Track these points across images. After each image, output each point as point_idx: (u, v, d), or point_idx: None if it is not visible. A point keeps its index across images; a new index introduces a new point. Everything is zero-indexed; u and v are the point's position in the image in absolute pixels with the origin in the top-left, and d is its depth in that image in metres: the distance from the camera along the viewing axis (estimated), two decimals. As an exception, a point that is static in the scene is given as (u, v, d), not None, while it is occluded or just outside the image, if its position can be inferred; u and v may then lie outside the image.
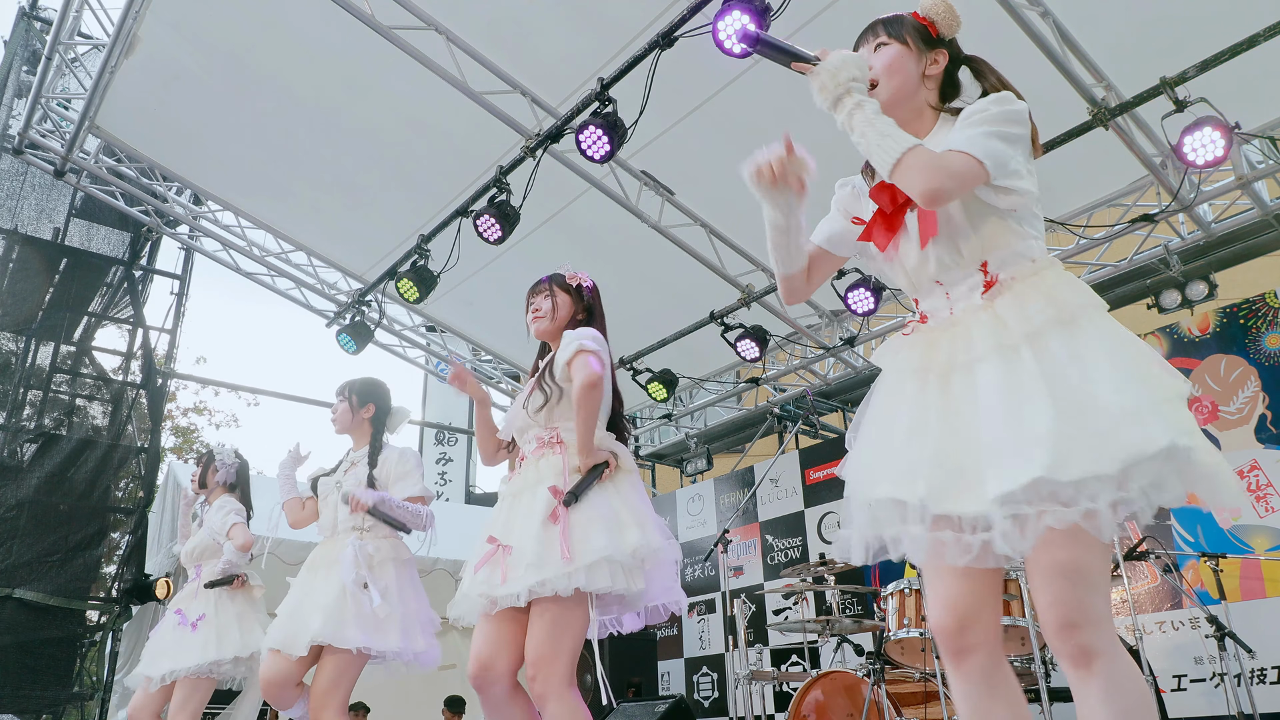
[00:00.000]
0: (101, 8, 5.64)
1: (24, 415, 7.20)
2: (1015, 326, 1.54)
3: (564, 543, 2.30)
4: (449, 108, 5.36)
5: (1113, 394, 1.43)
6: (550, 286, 2.79)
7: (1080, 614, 1.45)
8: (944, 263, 1.67)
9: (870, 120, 1.60)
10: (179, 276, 8.24)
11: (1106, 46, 4.53)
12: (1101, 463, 1.40)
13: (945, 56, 1.78)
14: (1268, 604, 4.96)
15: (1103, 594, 1.49)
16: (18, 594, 6.58)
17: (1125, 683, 1.45)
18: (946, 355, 1.63)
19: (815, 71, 1.65)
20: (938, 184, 1.54)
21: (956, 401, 1.57)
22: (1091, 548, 1.46)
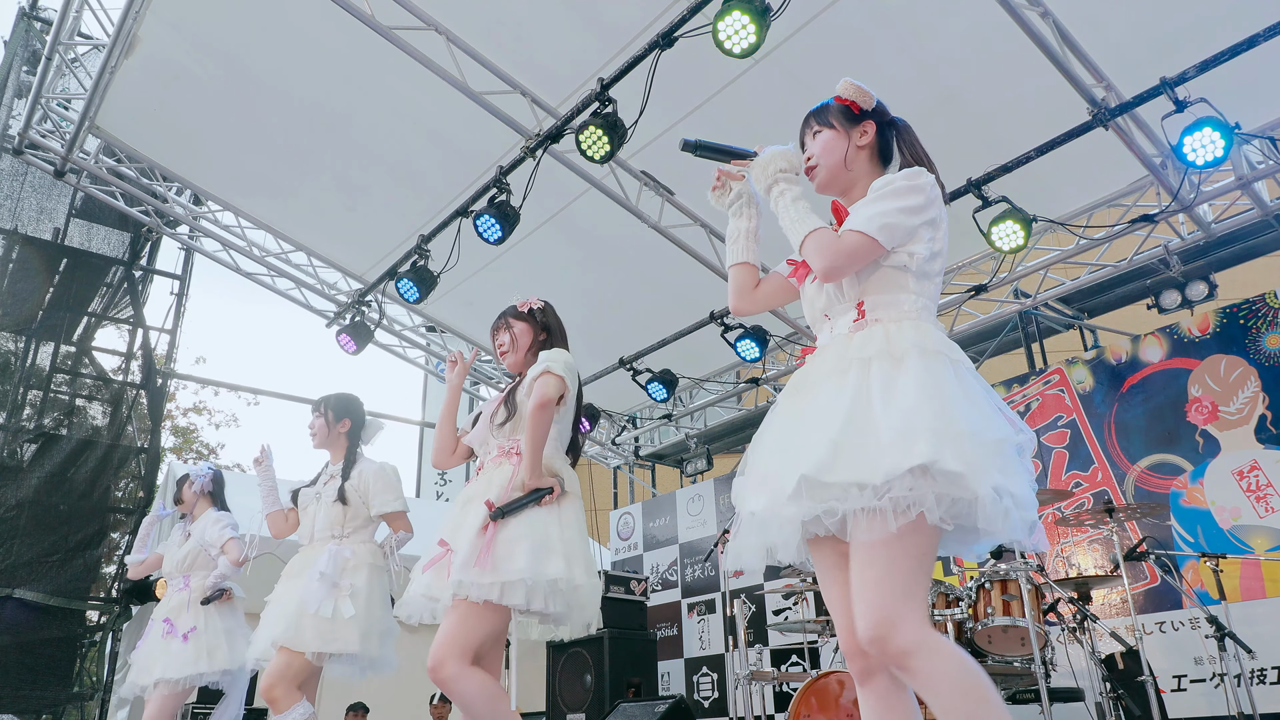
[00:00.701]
0: (101, 8, 5.65)
1: (24, 415, 7.20)
2: (855, 352, 1.76)
3: (483, 553, 2.40)
4: (449, 108, 5.36)
5: (899, 414, 1.61)
6: (506, 320, 2.91)
7: (888, 623, 1.58)
8: (831, 298, 1.90)
9: (788, 207, 1.92)
10: (179, 276, 8.25)
11: (1106, 46, 4.53)
12: (862, 472, 1.58)
13: (873, 126, 1.99)
14: (1268, 604, 4.96)
15: (906, 598, 1.61)
16: (18, 594, 6.58)
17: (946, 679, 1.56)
18: (805, 376, 1.87)
19: (753, 165, 1.99)
20: (829, 263, 1.80)
21: (800, 414, 1.79)
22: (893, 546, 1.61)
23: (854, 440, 1.62)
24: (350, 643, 3.25)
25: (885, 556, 1.60)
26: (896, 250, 1.80)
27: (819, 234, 1.82)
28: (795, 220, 1.88)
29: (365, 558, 3.46)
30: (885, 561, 1.60)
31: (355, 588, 3.34)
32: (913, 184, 1.81)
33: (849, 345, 1.79)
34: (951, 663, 1.56)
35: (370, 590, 3.40)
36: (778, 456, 1.76)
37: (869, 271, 1.83)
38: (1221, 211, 5.48)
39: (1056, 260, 5.86)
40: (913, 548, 1.61)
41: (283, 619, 3.29)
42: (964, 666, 1.57)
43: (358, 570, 3.40)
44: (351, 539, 3.48)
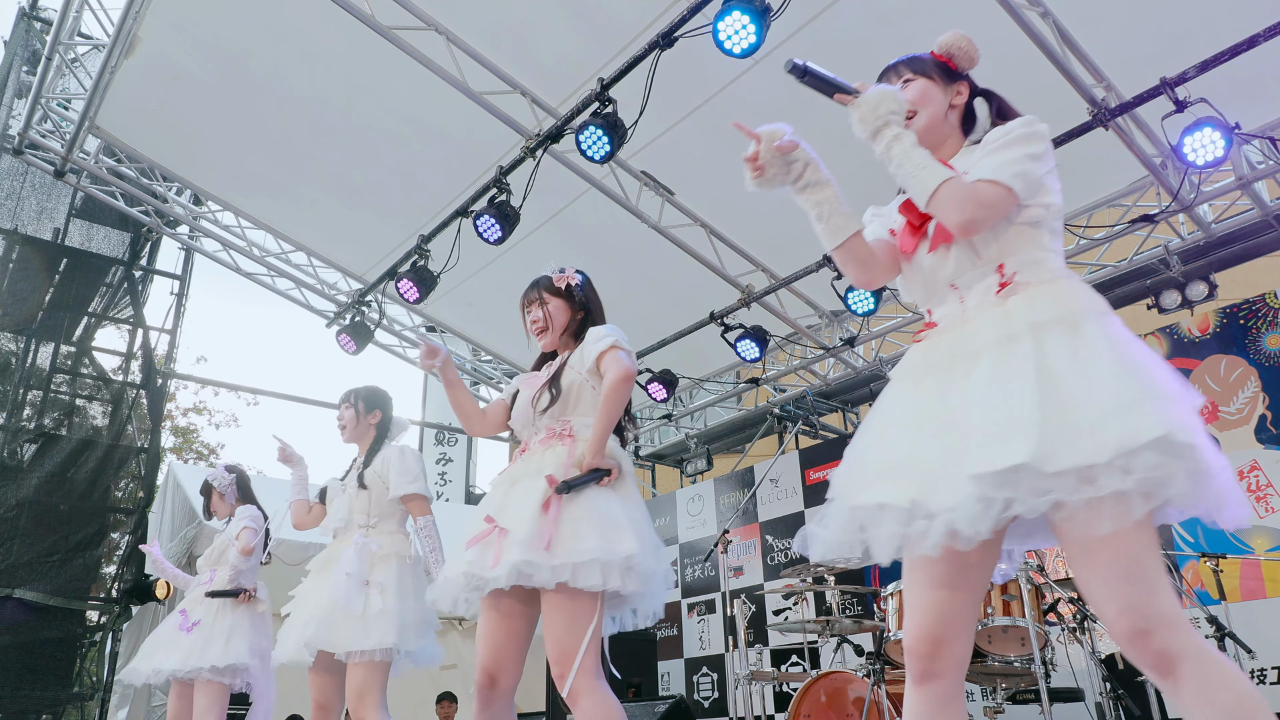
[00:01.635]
0: (101, 8, 5.65)
1: (24, 415, 7.20)
2: (1020, 320, 1.56)
3: (548, 531, 2.24)
4: (449, 108, 5.36)
5: (1107, 387, 1.43)
6: (540, 294, 2.73)
7: (1148, 619, 1.39)
8: (962, 265, 1.70)
9: (908, 152, 1.66)
10: (179, 277, 8.24)
11: (1106, 46, 4.53)
12: (1087, 453, 1.38)
13: (967, 89, 1.88)
14: (1268, 604, 4.96)
15: (1167, 592, 1.42)
16: (18, 594, 6.58)
17: (1219, 683, 1.37)
18: (949, 350, 1.65)
19: (856, 104, 1.71)
20: (970, 215, 1.61)
21: (956, 392, 1.58)
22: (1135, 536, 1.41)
23: (1063, 420, 1.41)
24: (385, 638, 3.13)
25: (1126, 552, 1.40)
26: (1029, 204, 1.65)
27: (954, 183, 1.61)
28: (920, 167, 1.64)
29: (393, 548, 3.34)
30: (1128, 557, 1.40)
31: (384, 582, 3.23)
32: (1033, 130, 1.67)
33: (1008, 311, 1.59)
34: (1227, 679, 1.36)
35: (401, 582, 3.28)
36: (938, 443, 1.53)
37: (1002, 229, 1.65)
38: (1221, 211, 5.48)
39: (1056, 260, 5.86)
40: (1150, 533, 1.42)
41: (314, 620, 3.19)
42: (1245, 687, 1.37)
43: (386, 562, 3.29)
44: (378, 529, 3.38)
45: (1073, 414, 1.42)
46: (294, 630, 3.28)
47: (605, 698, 2.23)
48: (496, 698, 2.37)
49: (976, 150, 1.76)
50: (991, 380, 1.53)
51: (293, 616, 3.35)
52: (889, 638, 4.42)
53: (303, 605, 3.33)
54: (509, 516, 2.35)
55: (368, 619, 3.16)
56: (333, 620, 3.16)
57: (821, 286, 6.19)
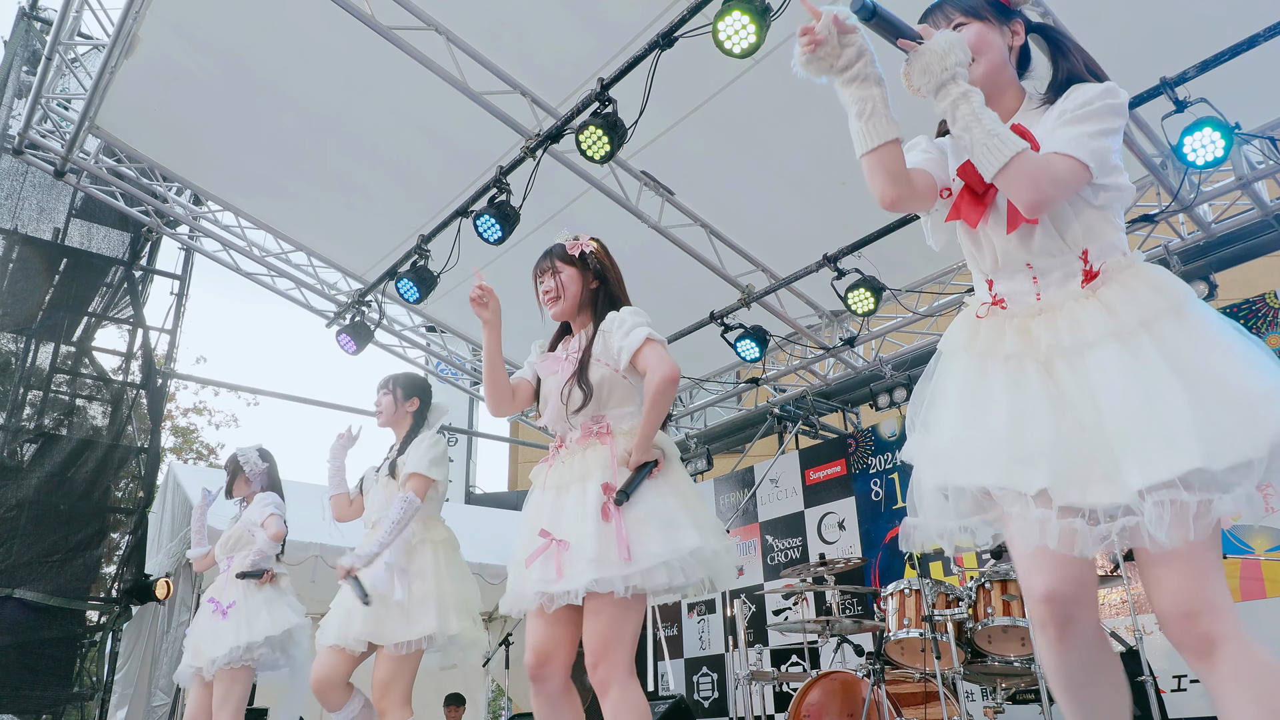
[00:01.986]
0: (101, 8, 5.65)
1: (24, 415, 7.20)
2: (1128, 314, 1.51)
3: (621, 543, 2.21)
4: (449, 108, 5.36)
5: (1244, 377, 1.41)
6: (553, 263, 2.64)
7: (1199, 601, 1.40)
8: (1045, 247, 1.61)
9: (976, 114, 1.52)
10: (179, 277, 8.24)
11: (1106, 46, 4.52)
12: (1251, 446, 1.36)
13: (1022, 26, 1.74)
14: (1268, 604, 4.96)
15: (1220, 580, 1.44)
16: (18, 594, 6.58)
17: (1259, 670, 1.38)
18: (1048, 341, 1.57)
19: (920, 52, 1.55)
20: (1043, 195, 1.50)
21: (1069, 389, 1.53)
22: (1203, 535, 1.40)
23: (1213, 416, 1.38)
24: (429, 625, 3.14)
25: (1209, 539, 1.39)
26: (1105, 183, 1.56)
27: (1027, 157, 1.49)
28: (990, 134, 1.49)
29: (427, 535, 3.34)
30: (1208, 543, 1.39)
31: (423, 569, 3.24)
32: (1117, 102, 1.57)
33: (1106, 305, 1.53)
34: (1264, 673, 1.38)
35: (438, 568, 3.28)
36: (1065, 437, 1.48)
37: (1082, 210, 1.57)
38: (1221, 211, 5.48)
39: (1056, 260, 5.86)
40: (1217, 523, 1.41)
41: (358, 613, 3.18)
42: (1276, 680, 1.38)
43: (422, 549, 3.29)
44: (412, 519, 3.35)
45: (1225, 408, 1.40)
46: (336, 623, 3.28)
47: (635, 690, 2.25)
48: (549, 676, 2.37)
49: (1049, 112, 1.64)
50: (1124, 378, 1.47)
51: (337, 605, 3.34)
52: (889, 638, 4.43)
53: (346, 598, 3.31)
54: (564, 528, 2.32)
55: (411, 608, 3.16)
56: (377, 613, 3.15)
57: (821, 286, 6.19)
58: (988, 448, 1.55)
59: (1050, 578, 1.52)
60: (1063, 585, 1.52)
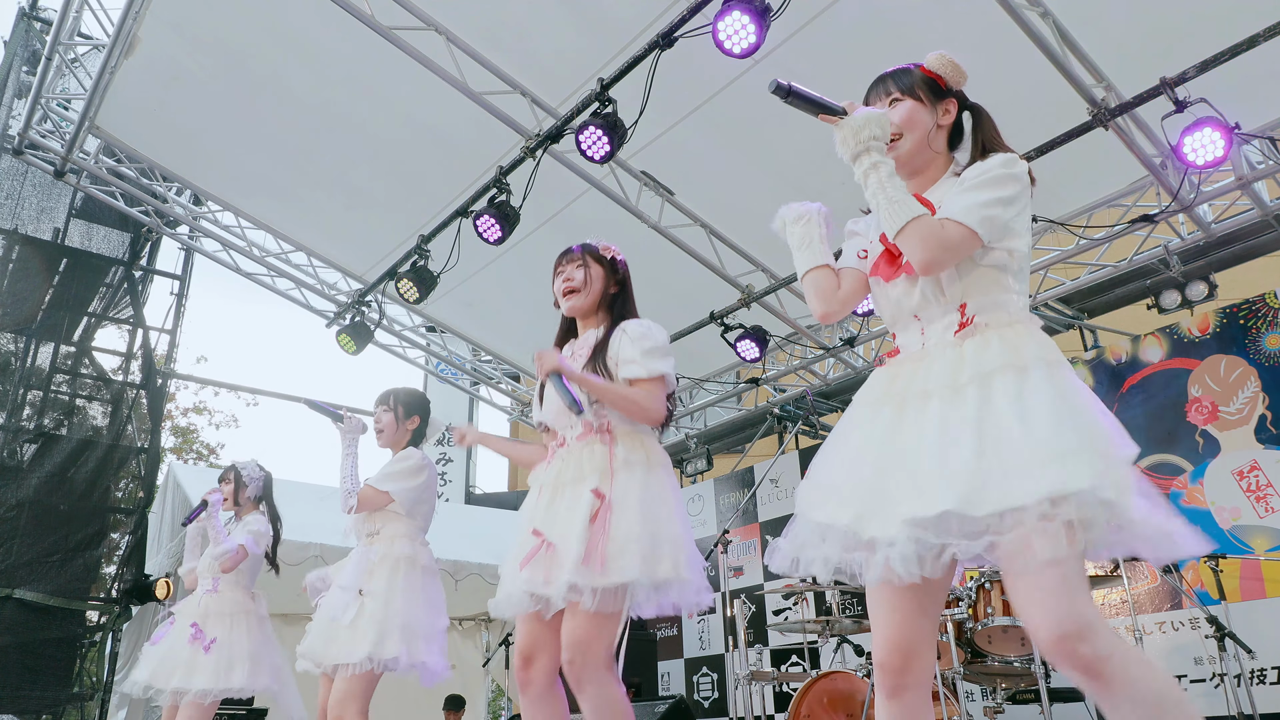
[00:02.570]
0: (101, 8, 5.65)
1: (24, 415, 7.20)
2: (970, 367, 1.63)
3: (598, 552, 2.22)
4: (449, 108, 5.36)
5: (1043, 434, 1.50)
6: (584, 256, 2.63)
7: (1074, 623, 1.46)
8: (926, 298, 1.75)
9: (883, 183, 1.69)
10: (179, 277, 8.25)
11: (1106, 46, 4.53)
12: (1016, 498, 1.46)
13: (955, 106, 1.87)
14: (1267, 604, 4.96)
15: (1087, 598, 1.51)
16: (18, 594, 6.58)
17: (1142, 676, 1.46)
18: (904, 385, 1.72)
19: (840, 125, 1.74)
20: (933, 256, 1.65)
21: (905, 430, 1.66)
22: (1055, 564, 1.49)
23: (996, 465, 1.50)
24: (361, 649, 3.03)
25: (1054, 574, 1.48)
26: (995, 247, 1.69)
27: (922, 222, 1.65)
28: (893, 200, 1.67)
29: (392, 554, 3.23)
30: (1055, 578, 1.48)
31: (375, 590, 3.13)
32: (1010, 172, 1.69)
33: (961, 355, 1.66)
34: (1150, 673, 1.48)
35: (391, 589, 3.16)
36: (879, 475, 1.63)
37: (967, 269, 1.71)
38: (1221, 211, 5.47)
39: (1056, 260, 5.86)
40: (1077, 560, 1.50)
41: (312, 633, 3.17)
42: (1166, 681, 1.49)
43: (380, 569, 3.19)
44: (380, 536, 3.28)
45: (1008, 458, 1.50)
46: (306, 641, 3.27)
47: (611, 687, 2.25)
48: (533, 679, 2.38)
49: (955, 184, 1.78)
50: (938, 425, 1.60)
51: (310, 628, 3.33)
52: (889, 638, 4.42)
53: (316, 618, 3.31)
54: (557, 529, 2.33)
55: (355, 630, 3.08)
56: (328, 633, 3.12)
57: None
58: (827, 486, 1.72)
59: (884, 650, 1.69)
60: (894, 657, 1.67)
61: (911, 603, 1.67)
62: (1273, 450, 5.17)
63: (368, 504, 3.27)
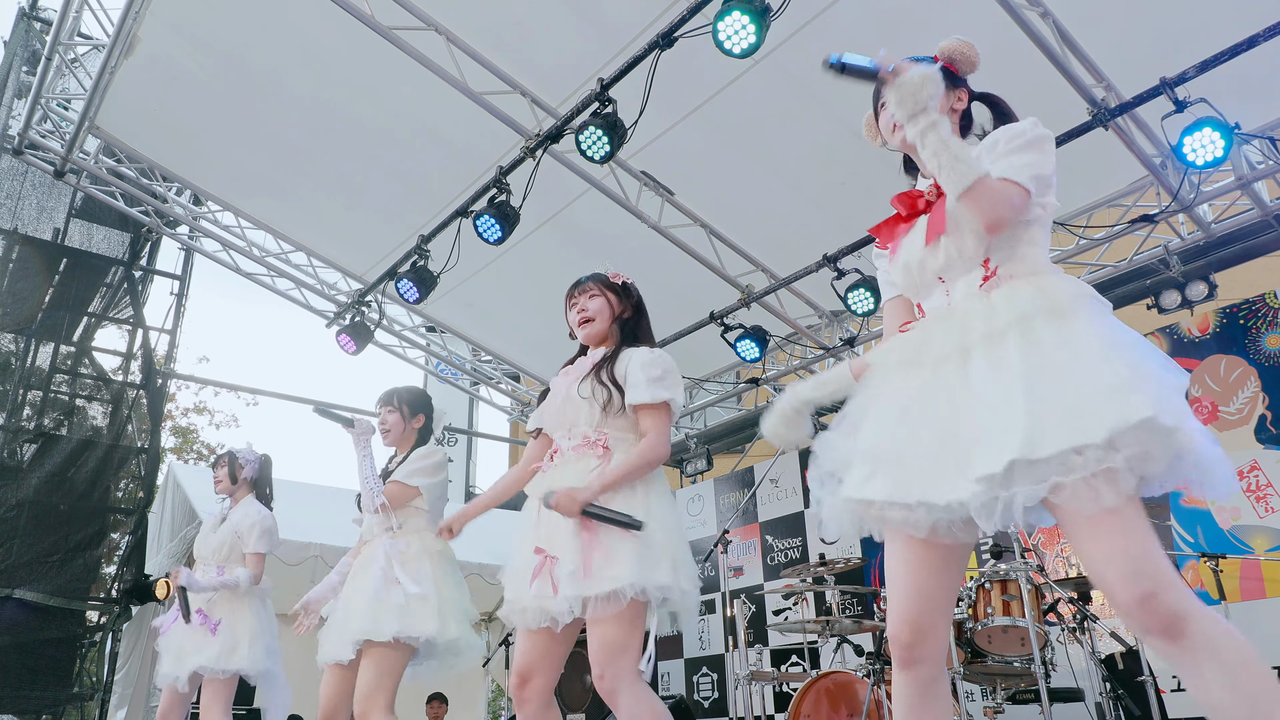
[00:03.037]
0: (101, 8, 5.65)
1: (24, 415, 7.20)
2: (1005, 313, 1.61)
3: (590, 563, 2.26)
4: (449, 108, 5.36)
5: (1096, 370, 1.48)
6: (597, 287, 2.67)
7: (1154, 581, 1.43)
8: (950, 257, 1.74)
9: (945, 141, 1.65)
10: (179, 277, 8.25)
11: (1106, 46, 4.53)
12: (1080, 434, 1.44)
13: (966, 95, 1.91)
14: (1268, 604, 4.96)
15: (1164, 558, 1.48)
16: (18, 594, 6.58)
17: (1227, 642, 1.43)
18: (940, 344, 1.69)
19: (897, 85, 1.67)
20: (1000, 215, 1.64)
21: (947, 389, 1.63)
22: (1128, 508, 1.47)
23: (1054, 406, 1.47)
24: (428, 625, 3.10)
25: (1123, 523, 1.45)
26: (1038, 203, 1.72)
27: (989, 182, 1.64)
28: (957, 159, 1.63)
29: (419, 546, 3.29)
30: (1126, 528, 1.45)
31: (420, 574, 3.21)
32: (1043, 133, 1.73)
33: (992, 305, 1.65)
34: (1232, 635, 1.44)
35: (438, 576, 3.25)
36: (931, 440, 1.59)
37: None
38: (1221, 211, 5.48)
39: (1056, 260, 5.85)
40: (1140, 509, 1.48)
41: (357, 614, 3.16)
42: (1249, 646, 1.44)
43: (419, 559, 3.25)
44: (404, 528, 3.32)
45: (1065, 397, 1.47)
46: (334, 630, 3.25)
47: (645, 692, 2.27)
48: (530, 697, 2.40)
49: (980, 147, 1.79)
50: (984, 379, 1.58)
51: (332, 618, 3.32)
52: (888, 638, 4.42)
53: (342, 607, 3.30)
54: (556, 543, 2.36)
55: (410, 606, 3.14)
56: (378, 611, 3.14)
57: (821, 286, 6.19)
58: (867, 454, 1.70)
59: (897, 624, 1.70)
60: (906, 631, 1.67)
61: (934, 568, 1.67)
62: (1273, 450, 5.17)
63: (397, 499, 3.31)
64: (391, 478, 3.35)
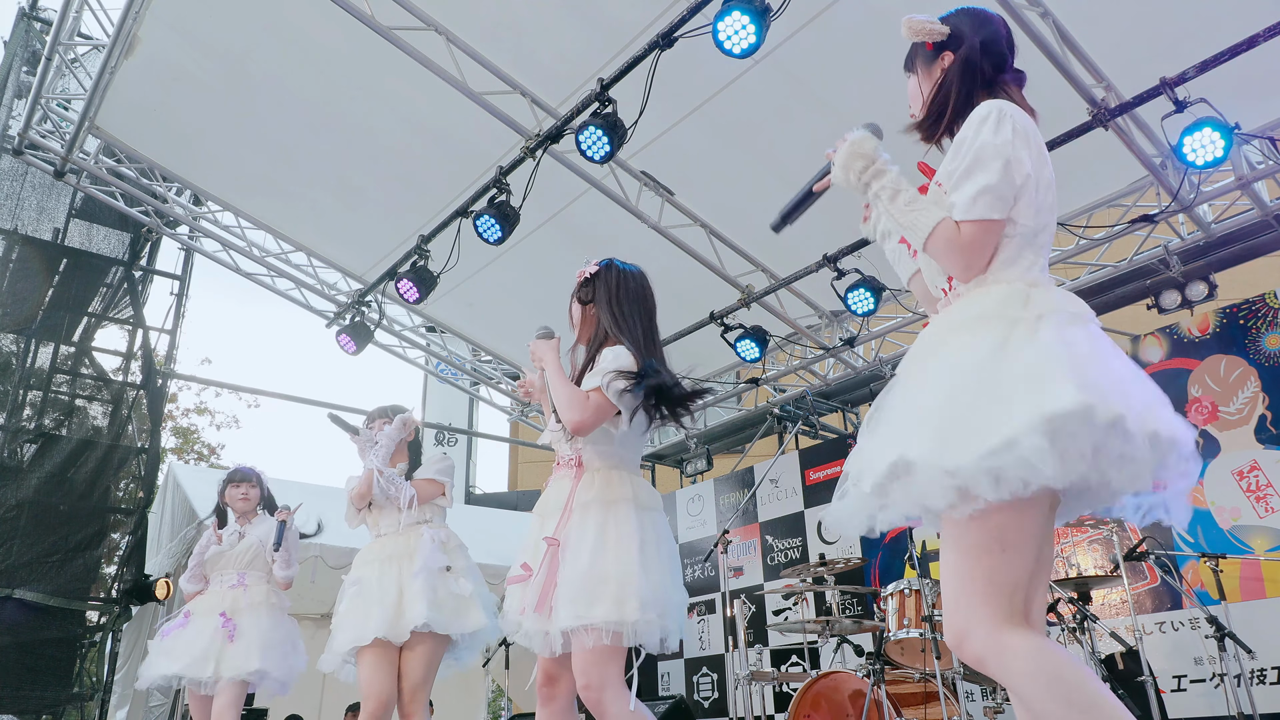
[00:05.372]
0: (101, 8, 5.65)
1: (24, 415, 7.20)
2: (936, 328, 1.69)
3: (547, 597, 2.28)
4: (449, 108, 5.36)
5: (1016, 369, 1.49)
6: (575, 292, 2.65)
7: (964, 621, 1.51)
8: (932, 274, 1.78)
9: (887, 209, 1.68)
10: (179, 277, 8.24)
11: (1106, 46, 4.53)
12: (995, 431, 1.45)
13: (950, 55, 1.80)
14: (1268, 604, 4.96)
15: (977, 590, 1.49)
16: (18, 594, 6.58)
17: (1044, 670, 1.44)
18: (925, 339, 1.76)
19: (832, 164, 1.76)
20: (966, 262, 1.63)
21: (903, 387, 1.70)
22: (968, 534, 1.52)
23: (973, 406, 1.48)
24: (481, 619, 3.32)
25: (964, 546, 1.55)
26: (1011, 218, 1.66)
27: (944, 229, 1.61)
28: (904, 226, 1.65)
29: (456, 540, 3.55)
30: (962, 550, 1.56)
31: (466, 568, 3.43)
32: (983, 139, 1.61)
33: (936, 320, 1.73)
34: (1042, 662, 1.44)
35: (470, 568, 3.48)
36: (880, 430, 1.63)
37: None
38: (1221, 211, 5.48)
39: (1056, 260, 5.86)
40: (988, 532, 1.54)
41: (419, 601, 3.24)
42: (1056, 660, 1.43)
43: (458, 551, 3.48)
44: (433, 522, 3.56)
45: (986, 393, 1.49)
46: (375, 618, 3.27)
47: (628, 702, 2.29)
48: (555, 696, 2.43)
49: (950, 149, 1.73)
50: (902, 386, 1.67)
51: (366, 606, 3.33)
52: (889, 638, 4.42)
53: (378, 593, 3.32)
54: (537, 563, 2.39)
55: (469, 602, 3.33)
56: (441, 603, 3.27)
57: (821, 286, 6.19)
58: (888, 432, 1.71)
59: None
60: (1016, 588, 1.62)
61: None
62: (1273, 450, 5.17)
63: (427, 495, 3.55)
64: (418, 475, 3.58)
